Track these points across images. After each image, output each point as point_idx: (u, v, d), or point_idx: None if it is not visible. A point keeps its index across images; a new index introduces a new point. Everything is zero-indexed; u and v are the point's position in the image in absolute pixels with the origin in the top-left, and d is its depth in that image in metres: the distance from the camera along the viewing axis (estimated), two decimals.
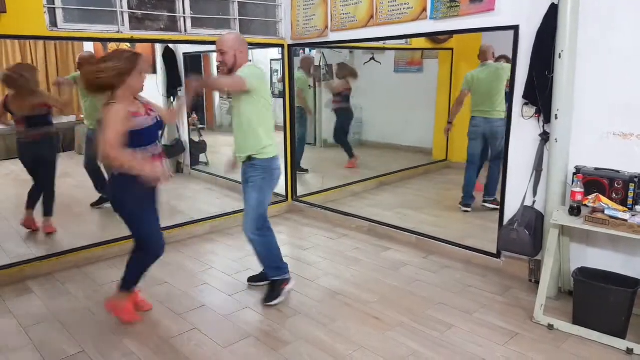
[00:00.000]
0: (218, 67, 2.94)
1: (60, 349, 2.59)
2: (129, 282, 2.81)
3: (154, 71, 6.53)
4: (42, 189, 4.19)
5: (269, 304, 2.99)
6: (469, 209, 4.59)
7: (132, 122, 2.49)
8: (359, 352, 2.52)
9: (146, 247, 2.77)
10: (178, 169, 6.59)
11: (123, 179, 2.52)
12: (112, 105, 2.47)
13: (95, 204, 4.95)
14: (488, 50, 4.45)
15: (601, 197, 2.63)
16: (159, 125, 2.69)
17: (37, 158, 4.08)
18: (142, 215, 2.70)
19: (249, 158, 2.91)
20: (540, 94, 2.94)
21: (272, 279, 3.07)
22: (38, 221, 4.23)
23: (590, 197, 2.65)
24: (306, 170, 5.75)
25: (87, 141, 4.83)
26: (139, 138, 2.53)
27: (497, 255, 3.46)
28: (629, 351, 2.44)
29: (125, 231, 2.77)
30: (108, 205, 4.72)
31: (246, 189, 2.98)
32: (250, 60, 4.65)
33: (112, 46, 7.32)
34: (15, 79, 3.89)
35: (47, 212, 4.19)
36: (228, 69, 2.84)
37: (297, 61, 4.81)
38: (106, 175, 4.71)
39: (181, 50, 6.24)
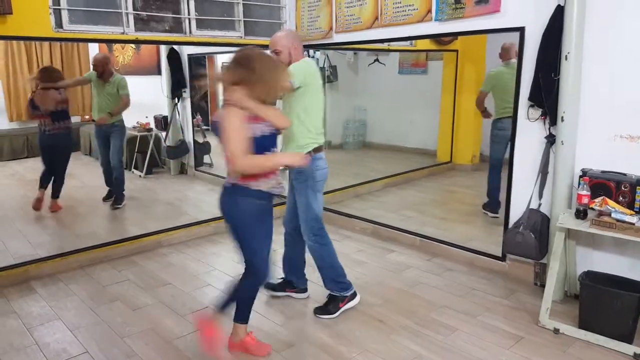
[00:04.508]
0: None
1: (64, 350, 2.58)
2: (239, 311, 2.47)
3: (159, 72, 6.55)
4: (55, 175, 4.83)
5: (319, 315, 2.88)
6: (497, 215, 4.38)
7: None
8: (362, 354, 2.50)
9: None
10: (182, 170, 6.61)
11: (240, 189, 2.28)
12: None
13: (107, 198, 5.16)
14: (511, 47, 4.21)
15: (608, 200, 2.60)
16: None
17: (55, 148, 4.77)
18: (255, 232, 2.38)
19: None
20: (546, 96, 2.92)
21: (330, 293, 2.95)
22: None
23: (596, 200, 2.63)
24: None
25: (100, 138, 5.03)
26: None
27: (502, 258, 3.43)
28: (636, 356, 2.42)
29: (128, 232, 2.76)
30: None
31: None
32: (310, 56, 4.58)
33: (117, 47, 7.39)
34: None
35: (55, 195, 4.87)
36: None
37: None
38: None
39: (186, 51, 6.25)
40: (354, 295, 2.97)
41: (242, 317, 2.48)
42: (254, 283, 2.44)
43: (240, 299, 2.46)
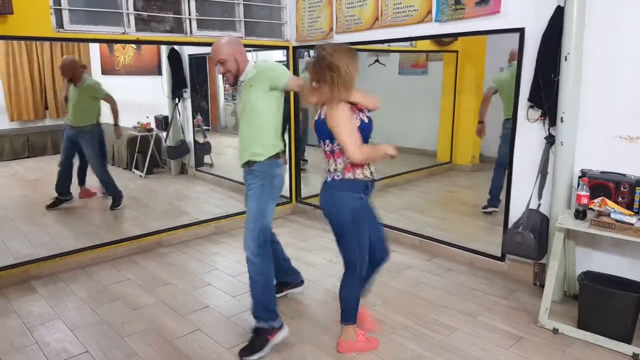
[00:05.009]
0: (223, 77, 2.71)
1: (64, 349, 2.59)
2: (348, 311, 2.51)
3: (159, 73, 6.56)
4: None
5: (245, 358, 2.48)
6: (495, 209, 4.50)
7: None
8: (362, 355, 2.51)
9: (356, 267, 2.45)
10: (183, 170, 6.62)
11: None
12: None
13: (51, 206, 4.93)
14: (516, 51, 4.42)
15: (607, 200, 2.61)
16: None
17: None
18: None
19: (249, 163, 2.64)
20: (546, 96, 2.93)
21: (255, 326, 2.59)
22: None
23: (596, 200, 2.63)
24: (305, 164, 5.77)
25: (66, 140, 4.88)
26: None
27: (502, 258, 3.44)
28: (635, 356, 2.42)
29: (128, 232, 2.77)
30: (65, 205, 4.99)
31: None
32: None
33: (118, 47, 7.40)
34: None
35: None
36: (234, 76, 2.61)
37: (302, 63, 4.80)
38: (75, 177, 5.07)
39: (186, 52, 6.26)
40: (282, 326, 2.60)
41: (347, 318, 2.51)
42: (353, 283, 2.46)
43: (343, 300, 2.50)
